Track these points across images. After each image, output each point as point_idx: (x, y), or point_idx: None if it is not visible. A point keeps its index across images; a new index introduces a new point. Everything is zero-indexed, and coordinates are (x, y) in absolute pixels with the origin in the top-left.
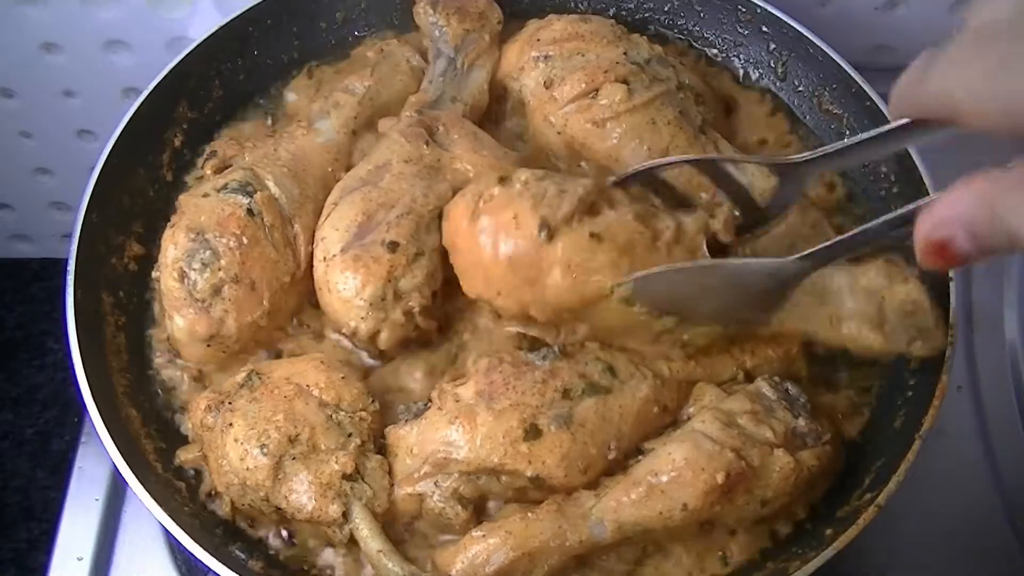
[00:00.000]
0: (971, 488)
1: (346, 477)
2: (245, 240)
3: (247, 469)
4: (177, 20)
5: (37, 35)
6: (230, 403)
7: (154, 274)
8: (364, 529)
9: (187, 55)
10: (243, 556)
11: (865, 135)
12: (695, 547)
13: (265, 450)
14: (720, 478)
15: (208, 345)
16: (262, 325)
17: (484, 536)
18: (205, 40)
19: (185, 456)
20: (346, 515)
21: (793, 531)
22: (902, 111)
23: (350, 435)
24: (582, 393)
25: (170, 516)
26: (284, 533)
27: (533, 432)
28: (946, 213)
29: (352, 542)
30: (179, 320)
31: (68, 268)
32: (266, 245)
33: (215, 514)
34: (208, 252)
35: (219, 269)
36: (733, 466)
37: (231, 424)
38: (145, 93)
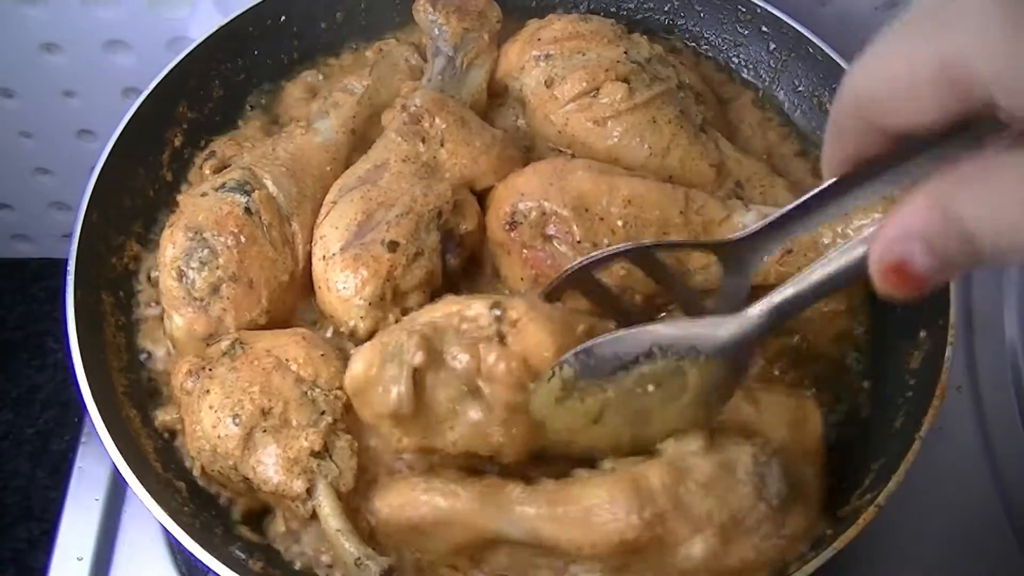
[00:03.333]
0: (971, 488)
1: (314, 454)
2: (243, 239)
3: (218, 437)
4: (177, 20)
5: (37, 35)
6: (210, 369)
7: (153, 274)
8: (326, 507)
9: (187, 55)
10: (243, 556)
11: (814, 191)
12: None
13: (237, 420)
14: (630, 535)
15: (207, 344)
16: (261, 324)
17: (413, 488)
18: (205, 40)
19: (163, 417)
20: (310, 491)
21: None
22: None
23: (323, 413)
24: None
25: (170, 516)
26: None
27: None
28: (896, 229)
29: (314, 518)
30: (178, 319)
31: (68, 268)
32: (264, 244)
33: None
34: (206, 251)
35: (217, 267)
36: (646, 532)
37: (208, 391)
38: (145, 93)
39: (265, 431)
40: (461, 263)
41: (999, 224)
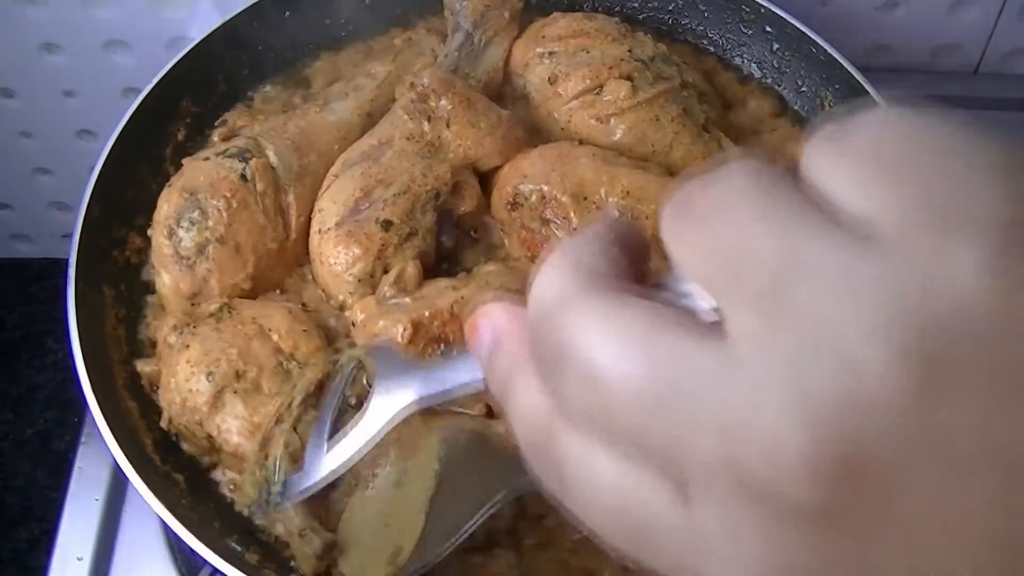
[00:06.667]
0: None
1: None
2: (235, 203)
3: (190, 390)
4: (177, 20)
5: (37, 35)
6: (194, 327)
7: (149, 232)
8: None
9: (191, 49)
10: (239, 548)
11: None
12: None
13: (211, 377)
14: None
15: (192, 303)
16: (245, 289)
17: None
18: (209, 35)
19: (143, 367)
20: (267, 458)
21: None
22: None
23: (295, 386)
24: None
25: (167, 508)
26: None
27: None
28: None
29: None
30: (165, 277)
31: (70, 260)
32: (256, 210)
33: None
34: (197, 212)
35: (206, 229)
36: None
37: (188, 345)
38: (149, 87)
39: (235, 392)
40: (456, 243)
41: None
